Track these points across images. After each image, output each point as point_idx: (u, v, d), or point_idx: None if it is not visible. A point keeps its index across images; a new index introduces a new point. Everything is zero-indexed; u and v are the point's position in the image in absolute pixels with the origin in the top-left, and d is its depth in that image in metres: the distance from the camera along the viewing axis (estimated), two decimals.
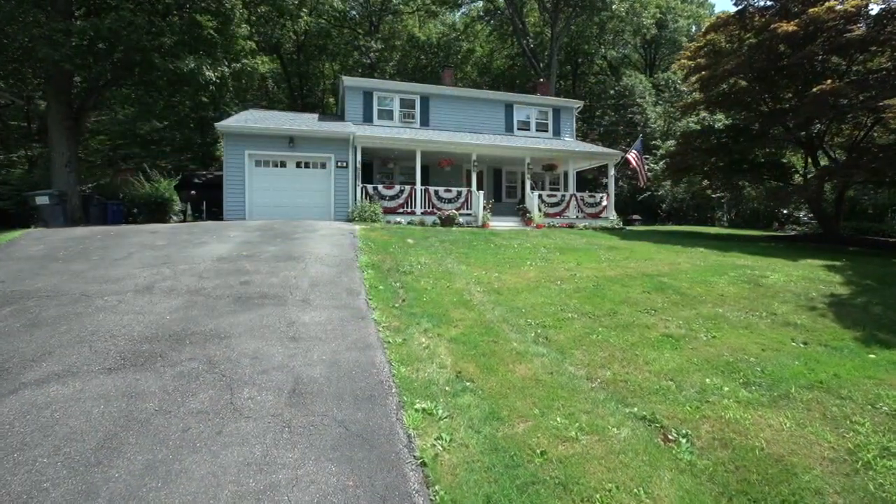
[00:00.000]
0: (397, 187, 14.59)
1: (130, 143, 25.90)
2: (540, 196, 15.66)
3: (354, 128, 14.78)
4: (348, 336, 4.37)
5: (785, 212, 22.69)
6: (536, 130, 18.90)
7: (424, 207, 14.62)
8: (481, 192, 14.77)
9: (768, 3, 13.82)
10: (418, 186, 14.67)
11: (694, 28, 41.00)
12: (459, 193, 15.06)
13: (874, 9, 11.99)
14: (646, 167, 17.03)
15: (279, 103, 32.51)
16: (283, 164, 14.03)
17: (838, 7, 11.45)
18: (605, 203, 16.91)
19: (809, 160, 14.74)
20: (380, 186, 14.49)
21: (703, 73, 13.71)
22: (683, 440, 3.03)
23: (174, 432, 2.79)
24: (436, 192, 14.86)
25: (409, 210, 14.44)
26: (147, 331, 4.23)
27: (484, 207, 14.47)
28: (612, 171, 17.66)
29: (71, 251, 7.30)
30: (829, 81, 10.97)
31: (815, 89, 11.01)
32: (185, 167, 26.24)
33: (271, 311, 4.87)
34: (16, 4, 11.51)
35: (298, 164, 14.14)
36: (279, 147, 13.71)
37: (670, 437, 3.07)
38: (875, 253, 11.65)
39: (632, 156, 16.26)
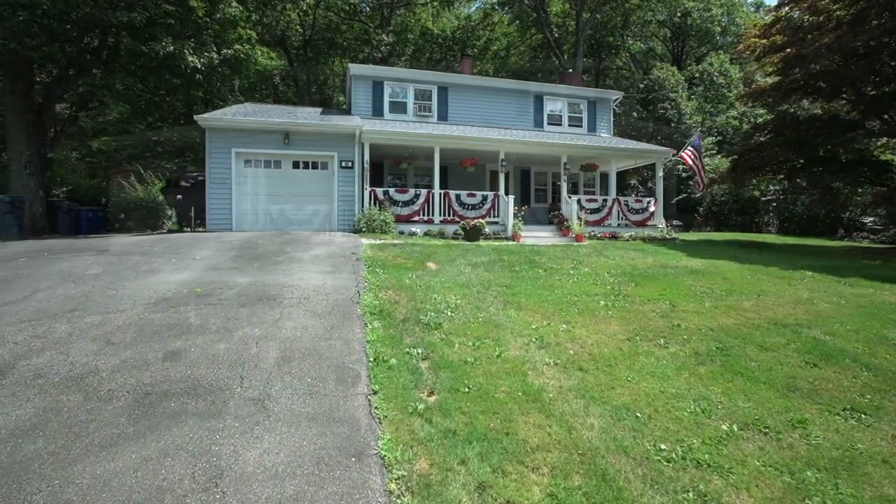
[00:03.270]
0: (412, 191, 12.29)
1: (133, 143, 24.16)
2: (578, 201, 13.25)
3: (361, 122, 12.53)
4: None
5: (846, 216, 20.03)
6: (569, 125, 16.49)
7: (444, 215, 12.32)
8: (511, 198, 12.39)
9: None
10: (437, 190, 12.38)
11: (726, 19, 38.06)
12: (485, 198, 12.72)
13: None
14: (704, 166, 14.48)
15: (287, 102, 30.47)
16: (277, 165, 11.87)
17: None
18: (652, 209, 14.45)
19: None
20: (391, 190, 12.22)
21: (789, 50, 11.14)
22: None
23: None
24: (457, 198, 12.54)
25: (426, 218, 12.15)
26: None
27: (514, 215, 12.12)
28: (660, 172, 15.18)
29: None
30: None
31: None
32: (186, 168, 24.30)
33: (188, 440, 2.59)
34: None
35: (296, 165, 11.96)
36: (273, 144, 11.56)
37: None
38: None
39: (687, 154, 13.75)
